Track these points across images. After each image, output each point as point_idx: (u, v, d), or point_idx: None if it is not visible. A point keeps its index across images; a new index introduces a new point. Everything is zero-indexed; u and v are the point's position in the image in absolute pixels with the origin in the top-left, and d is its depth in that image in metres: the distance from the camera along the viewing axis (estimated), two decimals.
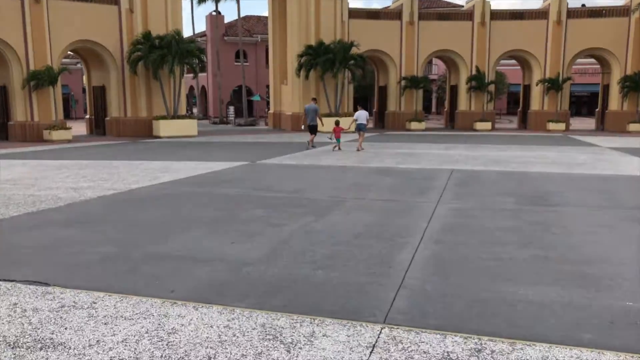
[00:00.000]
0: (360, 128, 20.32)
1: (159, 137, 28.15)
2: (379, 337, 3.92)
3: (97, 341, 3.84)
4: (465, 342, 3.85)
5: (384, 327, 4.09)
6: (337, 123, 20.54)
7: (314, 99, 23.38)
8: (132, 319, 4.23)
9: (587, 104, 63.65)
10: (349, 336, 3.93)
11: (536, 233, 7.19)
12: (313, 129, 21.46)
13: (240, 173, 13.64)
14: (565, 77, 35.11)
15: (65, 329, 4.05)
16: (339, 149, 20.01)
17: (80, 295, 4.77)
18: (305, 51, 31.39)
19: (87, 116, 32.76)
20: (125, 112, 29.52)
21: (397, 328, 4.08)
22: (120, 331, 4.01)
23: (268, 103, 43.67)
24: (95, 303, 4.58)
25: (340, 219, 8.07)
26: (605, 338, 3.95)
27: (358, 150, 19.88)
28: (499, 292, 4.90)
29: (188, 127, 29.46)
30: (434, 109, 69.43)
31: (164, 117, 28.76)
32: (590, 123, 43.10)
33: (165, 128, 28.59)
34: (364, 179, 12.63)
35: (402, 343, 3.83)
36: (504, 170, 14.29)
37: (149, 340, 3.86)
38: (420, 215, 8.38)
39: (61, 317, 4.26)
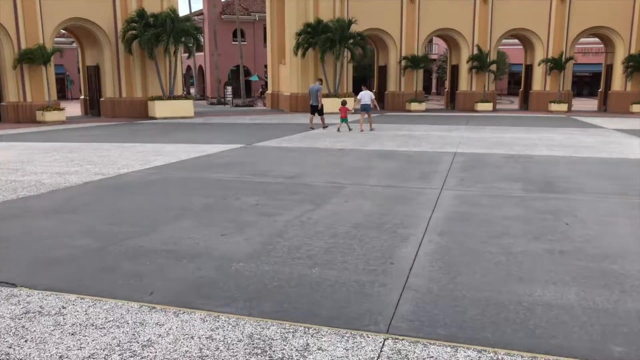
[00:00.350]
0: (364, 109, 20.21)
1: (155, 119, 27.57)
2: (381, 351, 3.45)
3: (60, 357, 3.36)
4: (479, 358, 3.38)
5: (388, 338, 3.62)
6: (343, 103, 20.51)
7: (320, 80, 23.33)
8: (104, 328, 3.75)
9: (588, 84, 62.89)
10: (347, 349, 3.47)
11: (548, 223, 6.71)
12: (313, 109, 21.22)
13: (235, 156, 13.13)
14: (568, 57, 34.42)
15: (26, 341, 3.57)
16: (349, 128, 19.97)
17: (49, 298, 4.28)
18: (304, 29, 30.67)
19: (82, 97, 32.14)
20: (120, 92, 28.90)
21: (402, 339, 3.62)
22: (88, 344, 3.54)
23: (266, 83, 42.95)
24: (64, 308, 4.10)
25: (339, 207, 7.58)
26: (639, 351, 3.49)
27: (371, 130, 19.85)
28: (513, 293, 4.43)
29: (184, 108, 28.82)
30: (433, 90, 68.80)
31: (159, 98, 28.12)
32: (592, 104, 42.49)
33: (161, 109, 27.97)
34: (364, 162, 12.13)
35: (407, 358, 3.37)
36: (509, 153, 13.79)
37: (119, 355, 3.39)
38: (423, 203, 7.90)
39: (23, 327, 3.78)
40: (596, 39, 40.68)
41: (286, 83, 34.16)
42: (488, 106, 34.90)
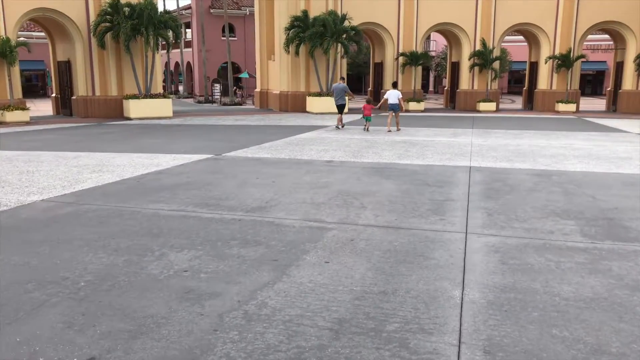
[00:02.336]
0: (392, 108, 19.24)
1: (130, 119, 24.87)
2: None
3: None
4: None
5: None
6: (368, 101, 19.91)
7: (343, 79, 22.52)
8: None
9: (591, 82, 60.52)
10: None
11: None
12: (340, 109, 20.56)
13: (194, 173, 10.36)
14: (579, 54, 31.87)
15: None
16: (367, 129, 19.19)
17: None
18: (293, 23, 27.96)
19: (53, 95, 29.31)
20: (93, 90, 26.19)
21: None
22: None
23: (251, 80, 40.20)
24: None
25: (314, 274, 4.85)
26: None
27: (397, 129, 19.34)
28: None
29: (162, 107, 26.06)
30: (431, 88, 66.33)
31: (135, 97, 25.37)
32: (597, 103, 39.96)
33: (136, 109, 25.24)
34: (356, 183, 9.39)
35: None
36: (536, 168, 11.11)
37: None
38: (443, 265, 5.17)
39: None
40: (604, 35, 38.21)
41: (276, 81, 31.50)
42: (491, 106, 32.26)
